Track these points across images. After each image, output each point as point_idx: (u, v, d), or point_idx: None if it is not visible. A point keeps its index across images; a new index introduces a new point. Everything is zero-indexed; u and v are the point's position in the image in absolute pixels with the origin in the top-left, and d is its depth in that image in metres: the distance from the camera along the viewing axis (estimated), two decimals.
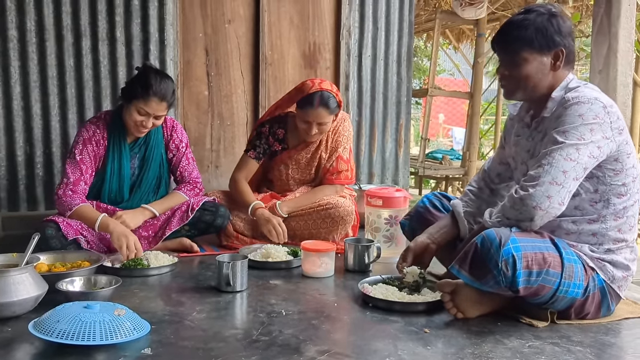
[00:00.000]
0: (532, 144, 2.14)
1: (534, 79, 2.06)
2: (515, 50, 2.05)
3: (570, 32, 2.06)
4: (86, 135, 2.90)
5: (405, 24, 4.72)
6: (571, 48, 2.07)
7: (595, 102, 1.94)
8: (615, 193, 2.01)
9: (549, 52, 2.04)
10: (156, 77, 2.81)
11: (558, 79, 2.08)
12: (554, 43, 2.03)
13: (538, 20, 2.02)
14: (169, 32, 4.05)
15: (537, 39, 2.02)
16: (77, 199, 2.76)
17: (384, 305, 2.14)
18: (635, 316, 2.12)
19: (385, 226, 2.86)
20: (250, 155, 3.25)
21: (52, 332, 1.68)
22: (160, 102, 2.81)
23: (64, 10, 3.79)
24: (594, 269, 2.00)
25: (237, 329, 1.96)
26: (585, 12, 6.40)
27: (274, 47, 4.41)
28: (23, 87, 3.77)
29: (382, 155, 4.76)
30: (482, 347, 1.82)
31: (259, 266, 2.69)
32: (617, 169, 1.99)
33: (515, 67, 2.06)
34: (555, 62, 2.05)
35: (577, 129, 1.91)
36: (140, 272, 2.54)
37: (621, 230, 2.03)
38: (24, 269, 2.00)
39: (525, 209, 1.83)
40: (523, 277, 1.87)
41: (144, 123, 2.84)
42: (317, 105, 2.99)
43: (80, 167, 2.85)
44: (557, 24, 2.03)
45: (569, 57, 2.07)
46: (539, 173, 1.89)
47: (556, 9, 2.08)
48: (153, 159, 3.03)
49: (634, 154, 2.04)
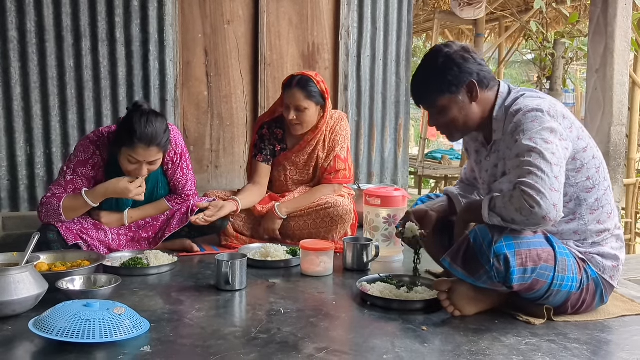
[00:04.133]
0: (489, 164, 2.17)
1: (461, 118, 2.09)
2: (430, 102, 2.11)
3: (473, 59, 2.07)
4: (82, 157, 2.74)
5: (404, 24, 4.74)
6: (482, 73, 2.07)
7: (538, 110, 1.95)
8: (583, 189, 2.02)
9: (461, 89, 2.06)
10: (141, 121, 2.59)
11: (486, 103, 2.10)
12: (460, 80, 2.05)
13: (438, 68, 2.06)
14: (168, 32, 4.06)
15: (445, 84, 2.05)
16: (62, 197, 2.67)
17: (382, 303, 2.15)
18: (631, 314, 2.14)
19: (383, 225, 2.87)
20: (259, 160, 3.24)
21: (52, 330, 1.69)
22: (148, 148, 2.61)
23: (63, 11, 3.81)
24: (585, 261, 2.03)
25: (236, 327, 1.97)
26: (584, 12, 6.42)
27: (273, 47, 4.42)
28: (23, 87, 3.79)
29: (381, 155, 4.77)
30: (480, 344, 1.83)
31: (258, 265, 2.70)
32: (577, 166, 2.00)
33: (439, 116, 2.12)
34: (471, 94, 2.07)
35: (540, 133, 1.91)
36: (140, 271, 2.55)
37: (600, 221, 2.05)
38: (25, 268, 2.01)
39: (535, 218, 1.82)
40: (518, 274, 1.89)
41: (137, 172, 2.66)
42: (293, 85, 3.01)
43: (67, 187, 2.69)
44: (454, 62, 2.05)
45: (484, 82, 2.08)
46: (536, 181, 1.83)
47: (451, 46, 2.09)
48: (149, 178, 2.89)
49: (590, 144, 2.05)
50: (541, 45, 6.86)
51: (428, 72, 2.10)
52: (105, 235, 2.81)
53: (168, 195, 3.03)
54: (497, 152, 2.13)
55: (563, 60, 6.77)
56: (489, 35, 10.08)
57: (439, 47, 2.11)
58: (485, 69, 2.10)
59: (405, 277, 2.40)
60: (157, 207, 2.99)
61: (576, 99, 16.63)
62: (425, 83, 2.11)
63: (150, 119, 2.62)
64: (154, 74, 4.07)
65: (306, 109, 3.05)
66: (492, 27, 9.75)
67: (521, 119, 1.96)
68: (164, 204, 3.00)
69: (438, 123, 2.15)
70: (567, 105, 16.34)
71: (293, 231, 3.13)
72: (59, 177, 2.76)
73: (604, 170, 2.08)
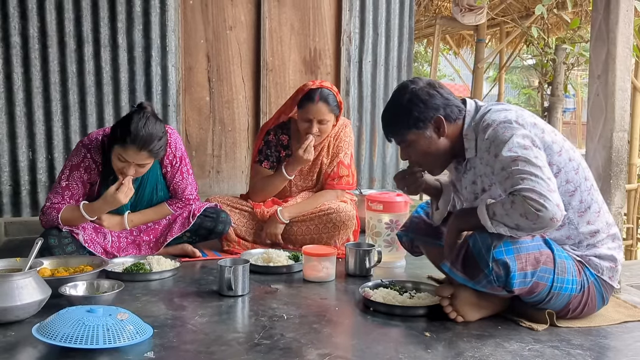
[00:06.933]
0: (467, 182, 2.18)
1: (432, 152, 2.12)
2: (399, 137, 2.15)
3: (439, 95, 2.09)
4: (75, 160, 2.75)
5: (405, 29, 4.75)
6: (448, 108, 2.09)
7: (506, 122, 1.97)
8: (565, 193, 2.01)
9: (428, 125, 2.08)
10: (138, 123, 2.58)
11: (453, 135, 2.11)
12: (427, 116, 2.07)
13: (404, 104, 2.09)
14: (170, 38, 4.08)
15: (411, 121, 2.08)
16: (61, 207, 2.70)
17: (384, 309, 2.15)
18: (634, 320, 2.14)
19: (386, 230, 2.88)
20: (265, 166, 3.24)
21: (55, 336, 1.69)
22: (138, 152, 2.60)
23: (66, 17, 3.82)
24: (583, 264, 2.03)
25: (238, 333, 1.97)
26: (585, 18, 6.42)
27: (274, 53, 4.43)
28: (26, 93, 3.80)
29: (383, 160, 4.77)
30: (483, 350, 1.83)
31: (260, 271, 2.70)
32: (554, 171, 1.99)
33: (410, 150, 2.15)
34: (439, 129, 2.09)
35: (515, 142, 1.92)
36: (143, 277, 2.55)
37: (590, 222, 2.05)
38: (28, 274, 2.01)
39: (542, 221, 1.81)
40: (518, 278, 1.90)
41: (125, 170, 2.64)
42: (317, 100, 3.02)
43: (64, 194, 2.72)
44: (421, 99, 2.07)
45: (450, 116, 2.09)
46: (534, 185, 1.82)
47: (416, 82, 2.12)
48: (148, 179, 2.92)
49: (564, 146, 2.05)
50: (542, 50, 6.88)
51: (395, 109, 2.13)
52: (104, 238, 2.82)
53: (169, 200, 3.03)
54: (472, 169, 2.14)
55: (564, 65, 6.78)
56: (490, 40, 10.10)
57: (405, 84, 2.15)
58: (452, 102, 2.11)
59: (408, 282, 2.40)
60: (158, 211, 2.99)
61: (577, 104, 16.62)
62: (393, 119, 2.15)
63: (148, 123, 2.61)
64: (156, 79, 4.08)
65: (328, 121, 3.08)
66: (493, 33, 9.77)
67: (492, 133, 1.98)
68: (165, 208, 3.00)
69: (410, 158, 2.19)
70: (568, 110, 16.36)
71: (295, 236, 3.13)
72: (55, 185, 2.78)
73: (584, 170, 2.08)
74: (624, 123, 2.59)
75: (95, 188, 2.83)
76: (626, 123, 2.61)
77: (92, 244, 2.75)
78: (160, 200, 3.01)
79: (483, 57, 8.53)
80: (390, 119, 2.16)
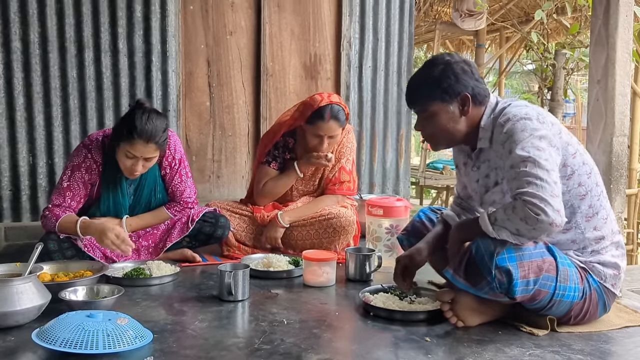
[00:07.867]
0: (478, 175, 2.18)
1: (448, 128, 2.10)
2: (422, 106, 2.12)
3: (471, 74, 2.09)
4: (76, 161, 2.77)
5: (405, 35, 4.76)
6: (477, 89, 2.09)
7: (526, 118, 1.96)
8: (576, 196, 2.02)
9: (454, 100, 2.07)
10: (142, 118, 2.63)
11: (473, 119, 2.11)
12: (456, 91, 2.06)
13: (435, 74, 2.07)
14: (171, 43, 4.08)
15: (439, 91, 2.06)
16: (62, 214, 2.70)
17: (385, 314, 2.15)
18: (635, 325, 2.13)
19: (386, 235, 2.88)
20: (274, 167, 3.23)
21: (55, 341, 1.69)
22: (146, 145, 2.64)
23: (67, 22, 3.83)
24: (586, 271, 2.02)
25: (238, 338, 1.96)
26: (584, 23, 6.44)
27: (275, 58, 4.44)
28: (26, 98, 3.81)
29: (383, 165, 4.77)
30: (483, 355, 1.82)
31: (260, 275, 2.70)
32: (568, 173, 1.99)
33: (427, 121, 2.13)
34: (463, 108, 2.08)
35: (531, 141, 1.91)
36: (143, 282, 2.55)
37: (597, 228, 2.05)
38: (27, 279, 2.01)
39: (542, 226, 1.81)
40: (520, 286, 1.89)
41: (134, 167, 2.68)
42: (328, 118, 3.01)
43: (65, 194, 2.75)
44: (454, 72, 2.06)
45: (477, 98, 2.09)
46: (536, 190, 1.82)
47: (453, 56, 2.12)
48: (147, 180, 2.92)
49: (579, 150, 2.05)
50: (542, 55, 6.88)
51: (425, 77, 2.11)
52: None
53: (167, 204, 3.02)
54: (486, 161, 2.13)
55: (564, 70, 6.79)
56: (489, 45, 10.11)
57: (441, 55, 2.13)
58: (481, 86, 2.11)
59: None
60: (156, 215, 2.99)
61: (577, 109, 16.64)
62: (420, 86, 2.13)
63: (151, 117, 2.66)
64: (157, 84, 4.08)
65: (337, 135, 3.10)
66: (493, 38, 9.78)
67: (511, 128, 1.96)
68: (163, 212, 2.99)
69: (424, 129, 2.16)
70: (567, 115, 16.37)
71: (295, 241, 3.13)
72: (57, 185, 2.80)
73: (596, 175, 2.08)
74: (624, 128, 2.60)
75: (95, 189, 2.83)
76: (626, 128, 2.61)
77: (92, 248, 2.75)
78: (159, 202, 3.00)
79: (483, 62, 8.54)
80: (417, 87, 2.14)
